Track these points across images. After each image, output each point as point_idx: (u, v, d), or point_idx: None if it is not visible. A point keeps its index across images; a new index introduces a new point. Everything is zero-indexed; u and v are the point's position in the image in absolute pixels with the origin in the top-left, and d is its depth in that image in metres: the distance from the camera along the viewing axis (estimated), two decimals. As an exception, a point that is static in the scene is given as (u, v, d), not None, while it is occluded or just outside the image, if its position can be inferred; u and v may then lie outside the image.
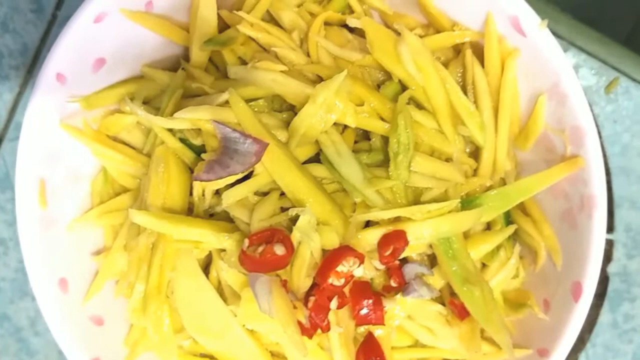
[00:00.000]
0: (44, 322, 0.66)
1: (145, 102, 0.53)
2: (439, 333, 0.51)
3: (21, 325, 0.67)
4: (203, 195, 0.50)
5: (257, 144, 0.47)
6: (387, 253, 0.47)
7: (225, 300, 0.50)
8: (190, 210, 0.52)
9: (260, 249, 0.46)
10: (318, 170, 0.49)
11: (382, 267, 0.49)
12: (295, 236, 0.46)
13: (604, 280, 0.63)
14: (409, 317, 0.51)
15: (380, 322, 0.48)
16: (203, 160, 0.49)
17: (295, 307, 0.46)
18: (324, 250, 0.47)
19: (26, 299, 0.67)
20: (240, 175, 0.48)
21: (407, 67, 0.48)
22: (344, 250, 0.46)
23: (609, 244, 0.63)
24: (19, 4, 0.65)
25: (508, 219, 0.53)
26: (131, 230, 0.52)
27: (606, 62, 0.65)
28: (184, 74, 0.52)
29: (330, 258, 0.46)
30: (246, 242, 0.46)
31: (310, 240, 0.46)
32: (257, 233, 0.46)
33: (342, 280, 0.46)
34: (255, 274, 0.45)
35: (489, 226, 0.53)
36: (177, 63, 0.55)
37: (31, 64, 0.65)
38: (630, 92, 0.64)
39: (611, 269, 0.64)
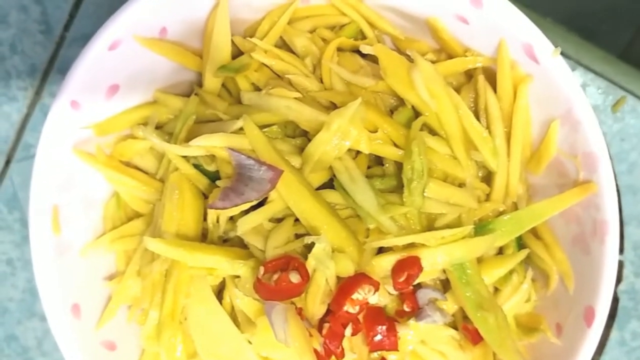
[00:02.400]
0: (51, 342, 0.66)
1: (158, 127, 0.53)
2: (452, 358, 0.51)
3: (28, 345, 0.67)
4: (217, 221, 0.50)
5: (271, 171, 0.47)
6: (401, 279, 0.47)
7: (238, 326, 0.50)
8: (203, 236, 0.52)
9: (276, 276, 0.46)
10: (332, 196, 0.49)
11: (395, 293, 0.49)
12: (311, 264, 0.46)
13: (614, 300, 0.63)
14: (422, 342, 0.51)
15: (394, 347, 0.48)
16: (217, 186, 0.49)
17: (310, 335, 0.46)
18: (338, 278, 0.47)
19: (33, 320, 0.67)
20: (254, 202, 0.48)
21: (420, 93, 0.49)
22: (360, 278, 0.46)
23: (620, 265, 0.64)
24: (27, 25, 0.65)
25: (519, 242, 0.53)
26: (145, 256, 0.52)
27: (613, 81, 0.66)
28: (197, 99, 0.53)
29: (346, 286, 0.46)
30: (261, 269, 0.46)
31: (326, 268, 0.46)
32: (272, 260, 0.46)
33: (357, 308, 0.46)
34: (271, 302, 0.46)
35: (500, 250, 0.53)
36: (190, 89, 0.55)
37: (39, 85, 0.66)
38: (637, 111, 0.65)
39: (619, 287, 0.64)
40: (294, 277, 0.46)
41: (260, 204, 0.49)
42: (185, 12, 0.50)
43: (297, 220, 0.49)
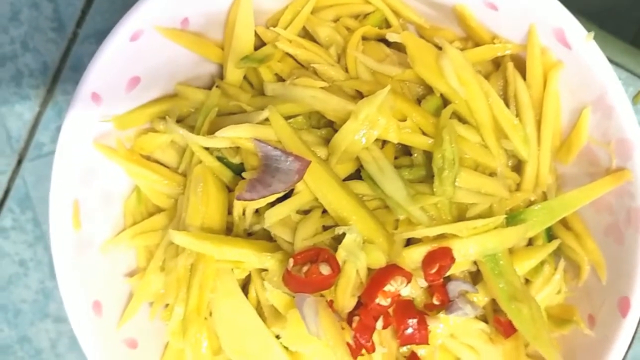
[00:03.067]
0: (64, 344, 0.65)
1: (179, 121, 0.53)
2: (482, 351, 0.51)
3: (42, 347, 0.66)
4: (243, 214, 0.49)
5: (298, 162, 0.46)
6: (433, 271, 0.46)
7: (264, 321, 0.50)
8: (228, 230, 0.51)
9: (305, 268, 0.45)
10: (359, 187, 0.48)
11: (426, 285, 0.48)
12: (341, 255, 0.45)
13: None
14: (451, 335, 0.50)
15: (424, 341, 0.47)
16: (242, 178, 0.49)
17: (342, 328, 0.45)
18: (369, 269, 0.46)
19: (46, 321, 0.66)
20: (280, 194, 0.47)
21: (450, 81, 0.48)
22: (392, 269, 0.45)
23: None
24: (39, 23, 0.64)
25: (549, 233, 0.52)
26: (168, 251, 0.51)
27: (634, 72, 0.65)
28: (219, 91, 0.52)
29: (378, 277, 0.45)
30: (291, 261, 0.45)
31: (357, 259, 0.45)
32: (301, 252, 0.45)
33: (389, 300, 0.45)
34: (302, 295, 0.45)
35: (530, 242, 0.52)
36: (211, 81, 0.54)
37: (51, 83, 0.65)
38: (658, 102, 0.64)
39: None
40: (325, 269, 0.45)
41: (287, 195, 0.48)
42: (207, 3, 0.50)
43: (324, 211, 0.48)
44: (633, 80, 0.65)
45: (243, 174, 0.48)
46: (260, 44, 0.53)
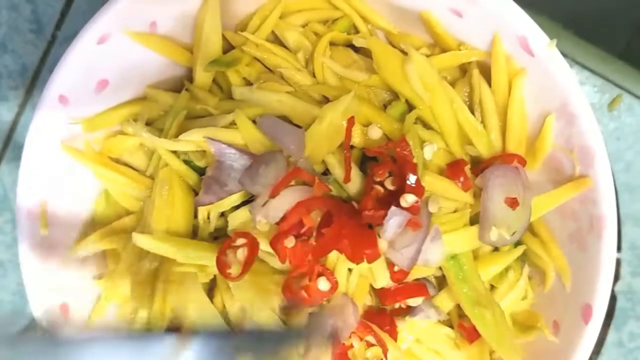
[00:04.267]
0: (42, 345, 0.65)
1: (148, 124, 0.53)
2: (447, 356, 0.51)
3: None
4: (208, 218, 0.49)
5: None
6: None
7: (230, 325, 0.50)
8: (194, 234, 0.51)
9: (304, 282, 0.46)
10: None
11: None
12: None
13: (611, 299, 0.63)
14: (417, 340, 0.50)
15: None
16: (208, 182, 0.49)
17: None
18: None
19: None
20: (246, 197, 0.48)
21: (414, 86, 0.48)
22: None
23: (617, 263, 0.63)
24: (18, 24, 0.64)
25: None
26: (134, 254, 0.51)
27: (609, 79, 0.65)
28: (188, 95, 0.52)
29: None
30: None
31: None
32: (296, 269, 0.46)
33: None
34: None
35: (496, 248, 0.52)
36: (181, 84, 0.54)
37: (30, 85, 0.65)
38: (634, 109, 0.64)
39: (616, 287, 0.63)
40: (323, 285, 0.45)
41: (251, 198, 0.48)
42: (175, 6, 0.50)
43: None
44: (608, 87, 0.65)
45: (203, 177, 0.48)
46: (230, 48, 0.53)
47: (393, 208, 0.44)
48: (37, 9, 0.65)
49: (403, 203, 0.44)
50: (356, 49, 0.52)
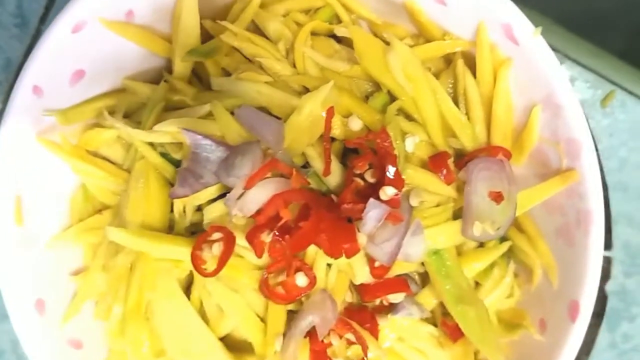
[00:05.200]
0: (26, 344, 0.64)
1: (126, 116, 0.52)
2: (430, 355, 0.49)
3: (3, 348, 0.65)
4: (184, 211, 0.48)
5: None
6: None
7: (207, 321, 0.48)
8: (171, 228, 0.50)
9: (280, 278, 0.45)
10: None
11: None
12: None
13: (602, 298, 0.61)
14: (399, 339, 0.49)
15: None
16: (184, 174, 0.48)
17: None
18: None
19: (7, 322, 0.64)
20: (223, 190, 0.46)
21: (397, 76, 0.47)
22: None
23: (607, 262, 0.62)
24: (2, 19, 0.64)
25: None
26: (110, 249, 0.50)
27: (601, 74, 0.64)
28: (166, 86, 0.51)
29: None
30: (264, 273, 0.45)
31: None
32: (273, 264, 0.45)
33: None
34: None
35: (481, 244, 0.50)
36: (160, 75, 0.53)
37: (14, 80, 0.64)
38: (627, 106, 0.63)
39: (609, 287, 0.62)
40: (301, 280, 0.44)
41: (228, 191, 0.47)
42: (152, -6, 0.49)
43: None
44: (601, 82, 0.64)
45: (178, 169, 0.47)
46: (209, 38, 0.52)
47: (372, 200, 0.42)
48: (21, 3, 0.64)
49: (382, 196, 0.43)
50: (338, 39, 0.51)
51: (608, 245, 0.61)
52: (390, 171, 0.43)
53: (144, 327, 0.48)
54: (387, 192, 0.43)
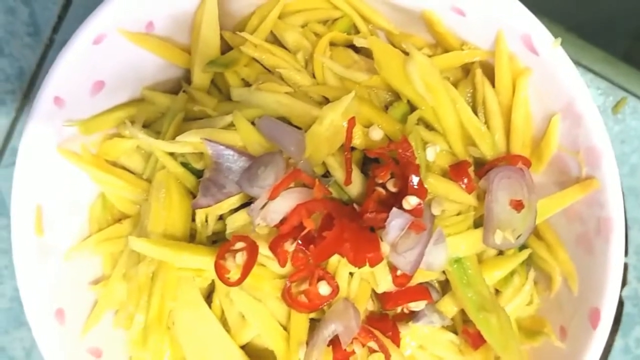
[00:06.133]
0: (39, 352, 0.64)
1: (145, 126, 0.52)
2: (451, 363, 0.50)
3: (16, 356, 0.65)
4: (206, 221, 0.48)
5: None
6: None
7: (228, 330, 0.49)
8: (192, 237, 0.50)
9: (304, 286, 0.45)
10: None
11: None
12: None
13: (619, 304, 0.62)
14: (420, 347, 0.49)
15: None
16: (206, 184, 0.48)
17: None
18: None
19: (22, 329, 0.65)
20: (244, 199, 0.47)
21: (416, 86, 0.47)
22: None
23: (624, 268, 0.62)
24: (15, 28, 0.64)
25: (521, 243, 0.51)
26: (131, 258, 0.50)
27: (613, 82, 0.64)
28: (186, 96, 0.51)
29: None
30: (287, 283, 0.45)
31: None
32: (296, 273, 0.45)
33: None
34: None
35: (501, 252, 0.51)
36: (179, 86, 0.53)
37: (27, 88, 0.64)
38: (638, 112, 0.63)
39: (623, 292, 0.62)
40: (324, 289, 0.45)
41: (250, 201, 0.47)
42: (172, 6, 0.49)
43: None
44: (612, 89, 0.64)
45: (200, 179, 0.47)
46: (228, 48, 0.52)
47: (395, 210, 0.43)
48: (34, 12, 0.64)
49: (405, 205, 0.43)
50: (357, 50, 0.51)
51: (624, 251, 0.62)
52: (414, 181, 0.43)
53: (165, 336, 0.48)
54: (411, 201, 0.43)
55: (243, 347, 0.49)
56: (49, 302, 0.50)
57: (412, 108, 0.49)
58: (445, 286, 0.50)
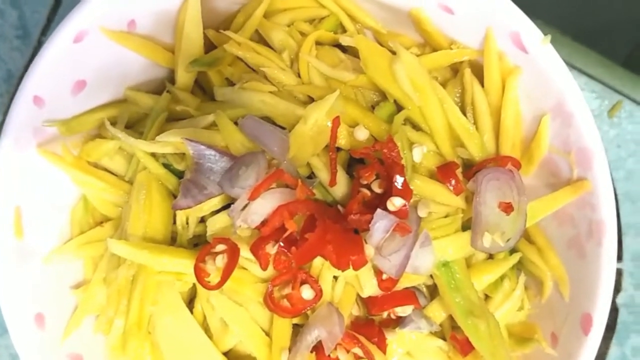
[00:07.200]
0: (26, 360, 0.63)
1: (128, 127, 0.51)
2: (440, 370, 0.48)
3: (3, 363, 0.64)
4: (187, 223, 0.47)
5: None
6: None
7: (210, 336, 0.48)
8: (173, 240, 0.49)
9: (286, 290, 0.44)
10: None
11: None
12: None
13: (613, 311, 0.60)
14: (408, 353, 0.48)
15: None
16: (187, 185, 0.47)
17: None
18: None
19: (7, 336, 0.63)
20: (226, 201, 0.46)
21: (403, 86, 0.46)
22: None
23: (618, 274, 0.61)
24: (3, 30, 0.63)
25: (511, 247, 0.50)
26: (111, 262, 0.49)
27: (608, 85, 0.64)
28: (169, 96, 0.50)
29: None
30: (269, 287, 0.44)
31: None
32: (278, 277, 0.44)
33: None
34: None
35: (491, 256, 0.50)
36: (162, 86, 0.52)
37: (15, 92, 0.63)
38: (634, 116, 0.62)
39: (618, 300, 0.61)
40: (307, 293, 0.44)
41: (232, 202, 0.46)
42: (155, 4, 0.48)
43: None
44: (608, 93, 0.64)
45: (181, 180, 0.46)
46: (212, 48, 0.51)
47: (379, 211, 0.41)
48: (23, 14, 0.64)
49: (390, 206, 0.42)
50: (343, 49, 0.50)
51: (619, 257, 0.60)
52: (398, 181, 0.42)
53: (145, 341, 0.47)
54: (395, 202, 0.42)
55: (226, 354, 0.48)
56: (29, 307, 0.49)
57: (399, 108, 0.48)
58: (433, 291, 0.49)
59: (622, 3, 0.78)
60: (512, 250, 0.49)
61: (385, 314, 0.47)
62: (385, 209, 0.42)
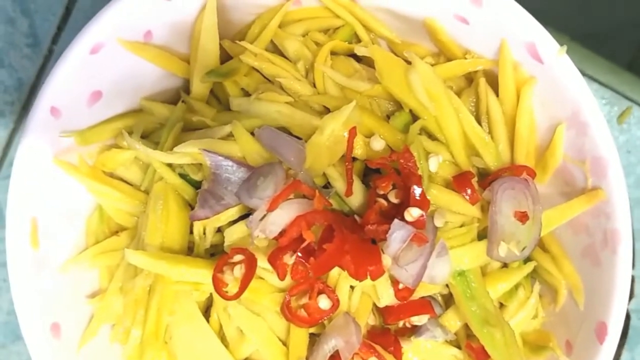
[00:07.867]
0: (37, 367, 0.64)
1: (144, 137, 0.51)
2: (455, 378, 0.49)
3: (14, 370, 0.64)
4: (204, 233, 0.47)
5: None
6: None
7: (226, 345, 0.48)
8: (190, 250, 0.49)
9: (303, 300, 0.44)
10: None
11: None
12: None
13: (626, 318, 0.60)
14: (423, 362, 0.48)
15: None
16: (204, 195, 0.47)
17: None
18: None
19: (19, 343, 0.64)
20: (243, 211, 0.46)
21: (419, 96, 0.46)
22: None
23: (631, 280, 0.61)
24: (14, 39, 0.63)
25: (526, 255, 0.50)
26: (127, 271, 0.49)
27: (618, 91, 0.64)
28: (184, 106, 0.50)
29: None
30: (287, 297, 0.44)
31: None
32: (296, 286, 0.44)
33: None
34: None
35: (505, 264, 0.50)
36: (177, 96, 0.53)
37: (26, 100, 0.64)
38: (644, 122, 0.63)
39: (630, 305, 0.61)
40: (324, 303, 0.44)
41: (249, 213, 0.46)
42: (171, 15, 0.48)
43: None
44: (617, 99, 0.64)
45: (199, 190, 0.47)
46: (228, 58, 0.51)
47: (396, 222, 0.42)
48: (33, 23, 0.64)
49: (407, 217, 0.42)
50: (358, 59, 0.50)
51: (632, 264, 0.61)
52: (416, 192, 0.42)
53: (162, 351, 0.47)
54: (413, 213, 0.42)
55: (242, 363, 0.48)
56: (45, 316, 0.49)
57: (415, 118, 0.48)
58: (448, 300, 0.49)
59: (623, 5, 0.78)
60: (527, 259, 0.49)
61: (400, 323, 0.47)
62: (403, 219, 0.42)
